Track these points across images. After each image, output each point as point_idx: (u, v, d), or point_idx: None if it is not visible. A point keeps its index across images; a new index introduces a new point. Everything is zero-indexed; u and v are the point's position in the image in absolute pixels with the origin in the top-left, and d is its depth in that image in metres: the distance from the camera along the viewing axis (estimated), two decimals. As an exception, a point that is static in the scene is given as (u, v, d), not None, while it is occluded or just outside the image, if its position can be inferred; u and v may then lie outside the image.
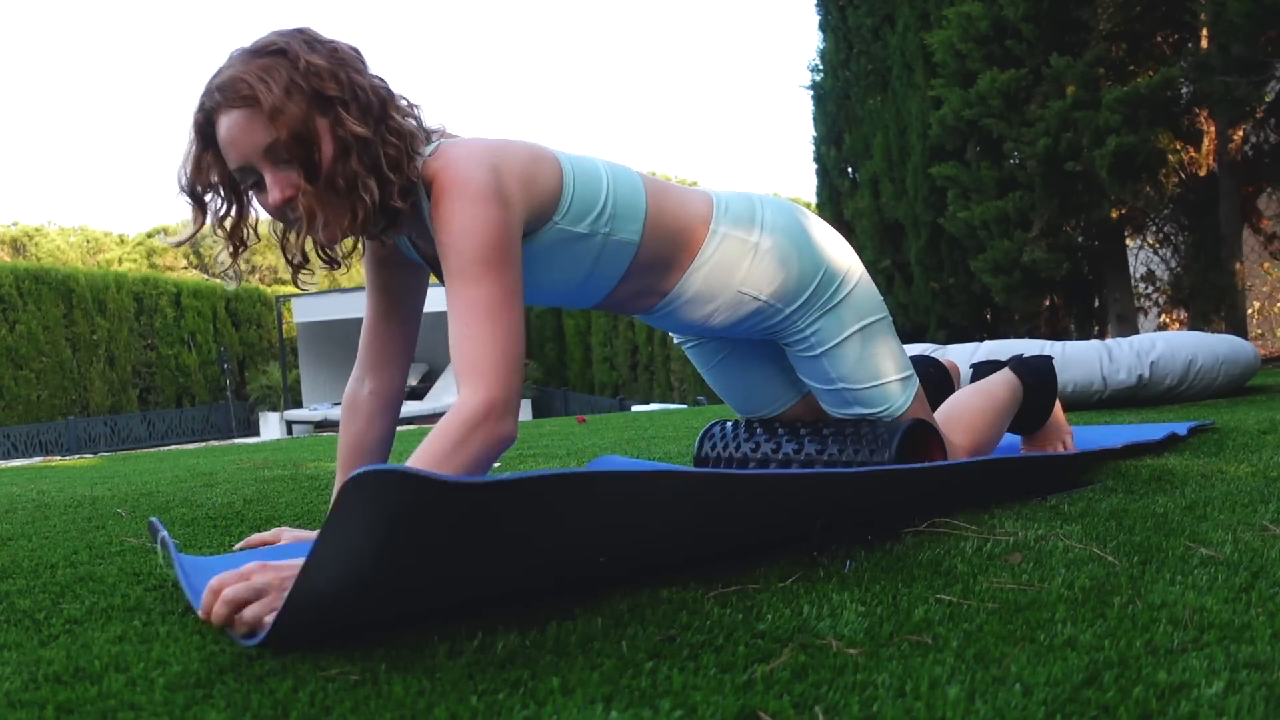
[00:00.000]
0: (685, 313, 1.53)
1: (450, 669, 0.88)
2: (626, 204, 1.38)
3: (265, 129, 1.17)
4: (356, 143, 1.19)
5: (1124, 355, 3.54)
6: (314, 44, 1.22)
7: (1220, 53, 5.49)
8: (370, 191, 1.20)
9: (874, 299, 1.62)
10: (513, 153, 1.29)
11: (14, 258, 25.46)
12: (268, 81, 1.16)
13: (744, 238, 1.48)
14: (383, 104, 1.24)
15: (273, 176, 1.20)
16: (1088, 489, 1.64)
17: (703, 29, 66.45)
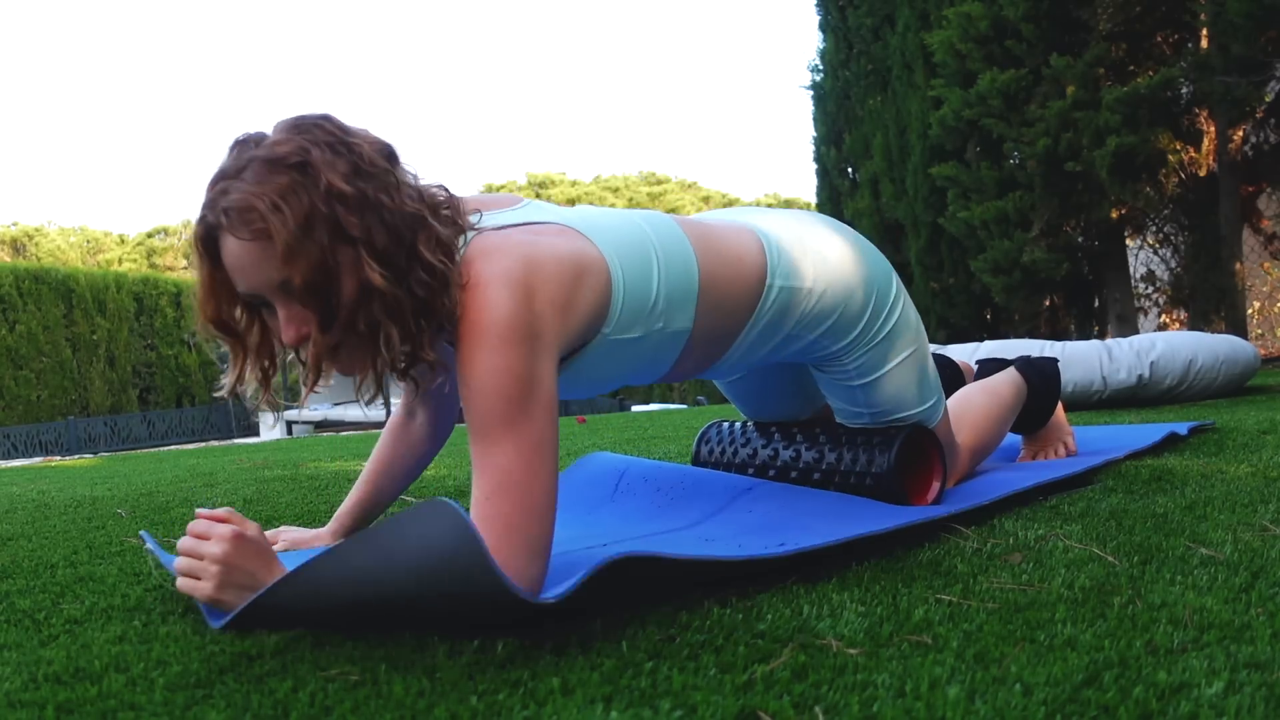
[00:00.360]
0: (734, 365, 1.45)
1: (450, 669, 0.88)
2: (680, 290, 1.26)
3: (278, 267, 1.01)
4: (378, 291, 1.03)
5: (1124, 355, 3.54)
6: (339, 149, 1.03)
7: (1220, 53, 5.49)
8: (392, 342, 1.05)
9: (915, 327, 1.55)
10: (553, 269, 1.11)
11: (14, 258, 25.47)
12: (283, 212, 0.99)
13: (799, 286, 1.39)
14: (414, 232, 1.05)
15: (286, 311, 1.05)
16: (1087, 489, 1.64)
17: (703, 29, 66.49)
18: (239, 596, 1.02)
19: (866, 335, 1.47)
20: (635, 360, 1.27)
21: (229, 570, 1.02)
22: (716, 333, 1.34)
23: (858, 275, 1.45)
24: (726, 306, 1.32)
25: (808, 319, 1.41)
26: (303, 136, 1.02)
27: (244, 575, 1.03)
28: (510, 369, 1.04)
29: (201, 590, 1.03)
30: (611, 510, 1.64)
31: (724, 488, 1.62)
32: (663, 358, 1.30)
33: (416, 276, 1.04)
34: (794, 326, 1.41)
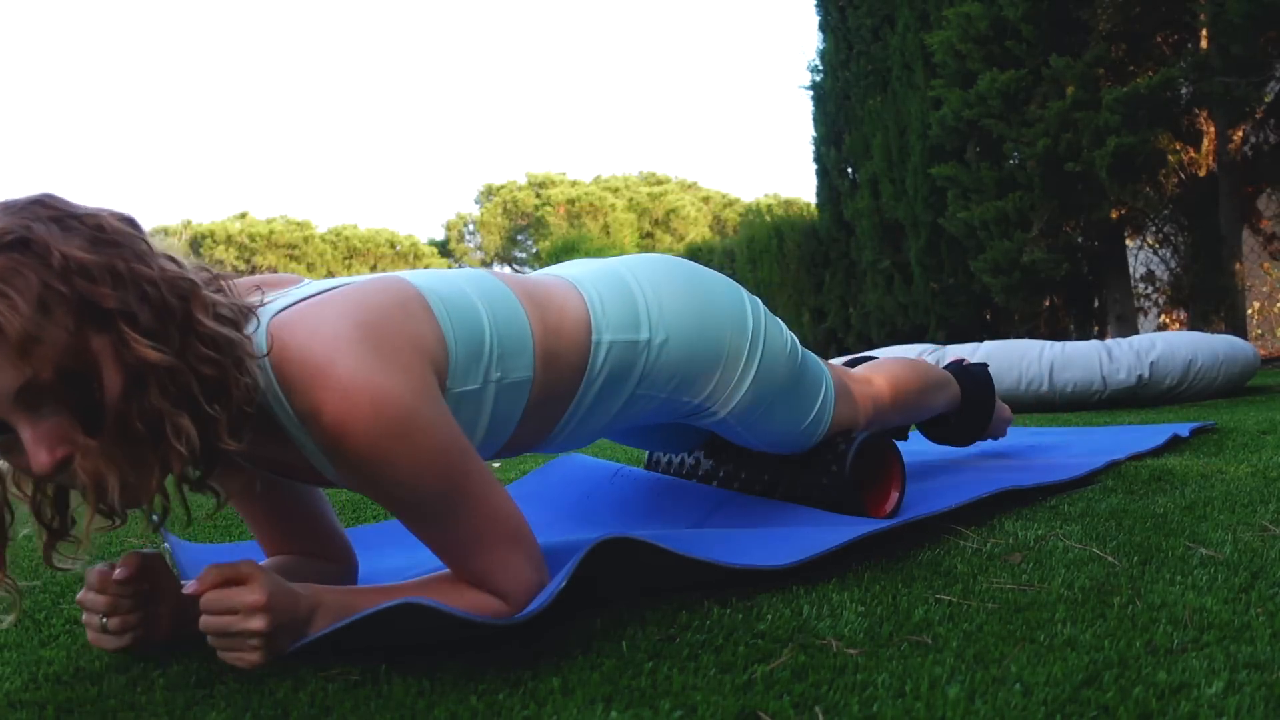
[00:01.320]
0: (581, 432, 1.27)
1: (450, 669, 0.88)
2: (511, 335, 1.09)
3: (13, 367, 0.76)
4: (154, 371, 0.80)
5: (1124, 355, 3.54)
6: (67, 222, 0.81)
7: (1220, 53, 5.49)
8: (187, 436, 0.82)
9: (782, 351, 1.38)
10: (380, 311, 0.96)
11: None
12: (9, 297, 0.75)
13: (633, 339, 1.22)
14: (185, 302, 0.84)
15: (32, 431, 0.79)
16: (1087, 489, 1.64)
17: (702, 29, 66.50)
18: (287, 644, 0.91)
19: (728, 380, 1.32)
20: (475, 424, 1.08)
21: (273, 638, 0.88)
22: (556, 389, 1.17)
23: (703, 319, 1.29)
24: (562, 358, 1.16)
25: (652, 374, 1.25)
26: (15, 217, 0.80)
27: (286, 630, 0.90)
28: (428, 444, 0.91)
29: (252, 661, 0.88)
30: (608, 496, 1.64)
31: (708, 491, 1.62)
32: (503, 418, 1.11)
33: (197, 352, 0.83)
34: (639, 385, 1.25)
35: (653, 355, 1.24)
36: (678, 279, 1.31)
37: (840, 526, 1.34)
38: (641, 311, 1.24)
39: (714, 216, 29.68)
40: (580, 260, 1.38)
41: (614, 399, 1.24)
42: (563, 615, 1.01)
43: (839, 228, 9.23)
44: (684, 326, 1.26)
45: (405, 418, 0.89)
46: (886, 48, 8.21)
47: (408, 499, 0.94)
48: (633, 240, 27.31)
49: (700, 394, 1.31)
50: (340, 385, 0.88)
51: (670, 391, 1.28)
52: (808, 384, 1.44)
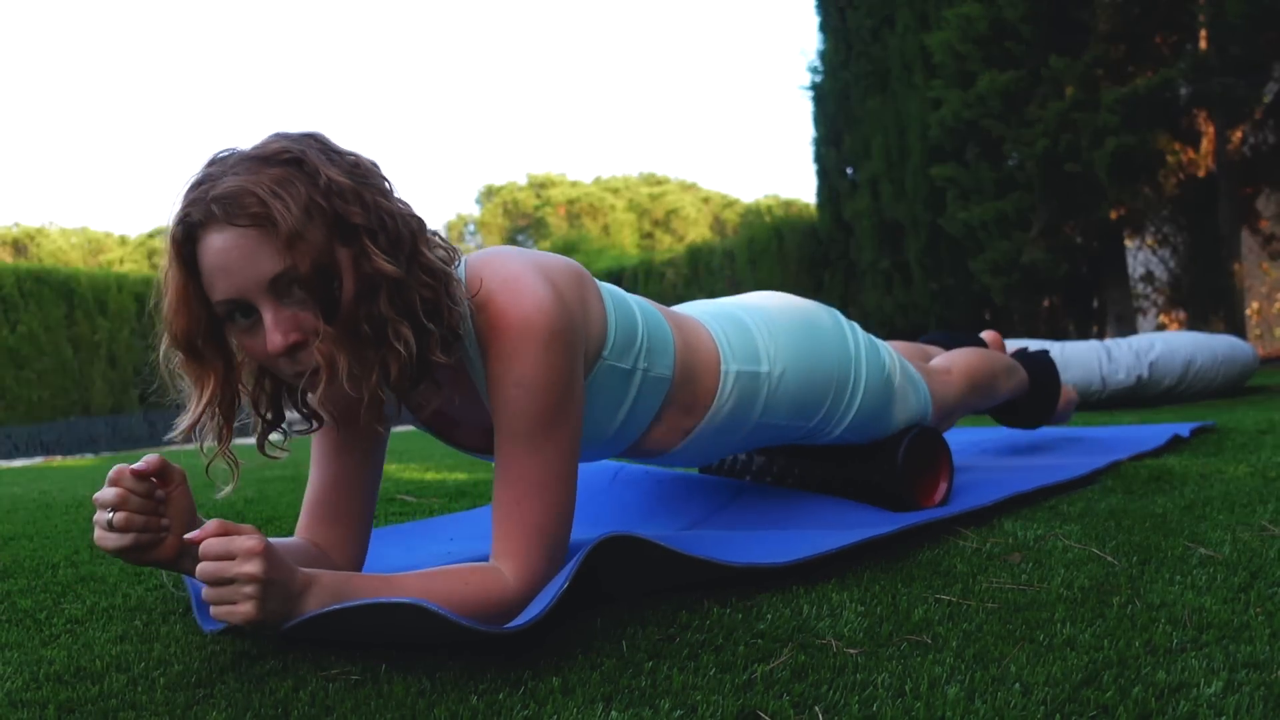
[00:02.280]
0: (707, 450, 1.40)
1: (450, 669, 0.88)
2: (659, 336, 1.24)
3: (276, 256, 0.92)
4: (386, 282, 0.96)
5: (1123, 355, 3.54)
6: (332, 155, 0.99)
7: (1219, 54, 5.50)
8: (406, 341, 0.97)
9: (881, 370, 1.51)
10: (562, 268, 1.12)
11: (15, 258, 25.47)
12: (284, 198, 0.92)
13: (755, 370, 1.36)
14: (413, 236, 1.00)
15: (274, 315, 0.94)
16: (1087, 489, 1.64)
17: (702, 29, 66.46)
18: (279, 610, 0.92)
19: (839, 405, 1.45)
20: (623, 404, 1.21)
21: (267, 586, 0.90)
22: (688, 399, 1.29)
23: (814, 351, 1.42)
24: (695, 371, 1.29)
25: (773, 404, 1.37)
26: (291, 141, 0.98)
27: (279, 588, 0.91)
28: (558, 368, 1.03)
29: (244, 613, 0.90)
30: (610, 498, 1.64)
31: (722, 486, 1.62)
32: (644, 409, 1.24)
33: (419, 277, 0.98)
34: (762, 414, 1.37)
35: (773, 385, 1.37)
36: (787, 315, 1.45)
37: (841, 530, 1.34)
38: (760, 346, 1.38)
39: (714, 217, 29.68)
40: (691, 303, 1.49)
41: (740, 425, 1.37)
42: (563, 615, 1.01)
43: (839, 228, 9.24)
44: (797, 359, 1.40)
45: (549, 330, 1.03)
46: (886, 48, 8.21)
47: (517, 402, 1.03)
48: (633, 240, 27.29)
49: (814, 418, 1.45)
50: (515, 288, 1.04)
51: (788, 419, 1.42)
52: (906, 391, 1.56)
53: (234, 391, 1.04)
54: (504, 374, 1.03)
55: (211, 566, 0.89)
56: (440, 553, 1.42)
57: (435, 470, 2.69)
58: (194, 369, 1.03)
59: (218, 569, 0.88)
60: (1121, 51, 6.05)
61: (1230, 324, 6.05)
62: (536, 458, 1.04)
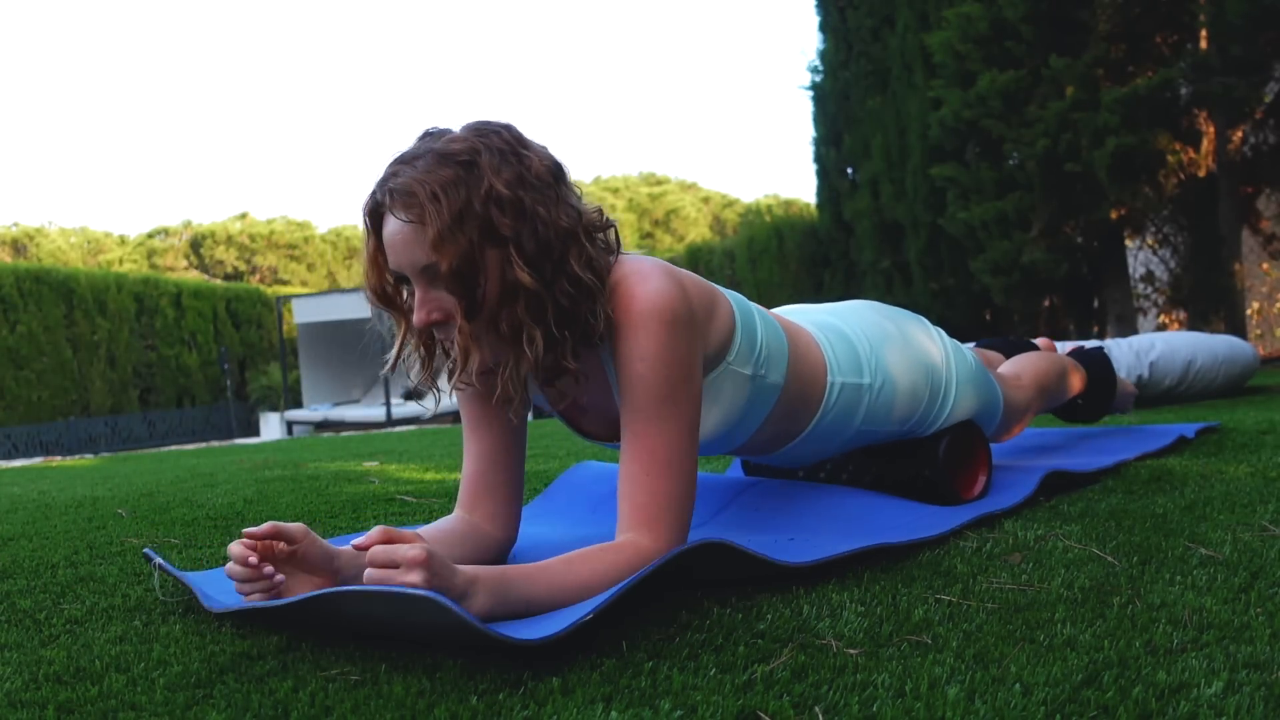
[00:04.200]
0: (809, 453, 1.49)
1: (450, 669, 0.88)
2: (776, 346, 1.31)
3: (426, 250, 1.06)
4: (524, 290, 1.07)
5: (1123, 356, 3.54)
6: (509, 157, 1.08)
7: (1219, 53, 5.49)
8: (535, 345, 1.08)
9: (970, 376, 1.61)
10: (695, 282, 1.21)
11: (15, 258, 25.47)
12: (440, 202, 1.04)
13: (859, 383, 1.44)
14: (565, 246, 1.09)
15: (423, 294, 1.10)
16: (1087, 489, 1.64)
17: (702, 29, 66.47)
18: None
19: (932, 409, 1.54)
20: (740, 406, 1.29)
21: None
22: (796, 406, 1.37)
23: (912, 364, 1.51)
24: (804, 381, 1.37)
25: (874, 413, 1.46)
26: (479, 139, 1.08)
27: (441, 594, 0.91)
28: (678, 348, 1.11)
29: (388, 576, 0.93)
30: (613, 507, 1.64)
31: (725, 485, 1.62)
32: (755, 413, 1.32)
33: (561, 287, 1.08)
34: (862, 421, 1.46)
35: (873, 397, 1.46)
36: (886, 328, 1.54)
37: (843, 535, 1.33)
38: (864, 360, 1.46)
39: (714, 217, 29.67)
40: (793, 309, 1.57)
41: (841, 432, 1.46)
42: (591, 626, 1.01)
43: (839, 228, 9.23)
44: (897, 372, 1.49)
45: (671, 314, 1.11)
46: (886, 48, 8.21)
47: (640, 377, 1.11)
48: (633, 240, 27.28)
49: (910, 422, 1.53)
50: (644, 275, 1.13)
51: (887, 424, 1.50)
52: (987, 399, 1.66)
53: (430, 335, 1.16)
54: (630, 351, 1.11)
55: (377, 574, 0.92)
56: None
57: (435, 470, 2.70)
58: (391, 313, 1.18)
59: (382, 576, 0.91)
60: (1121, 51, 6.04)
61: (1231, 324, 6.05)
62: (660, 434, 1.11)
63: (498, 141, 1.09)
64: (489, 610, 0.95)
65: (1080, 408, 2.13)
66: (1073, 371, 2.05)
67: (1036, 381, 1.89)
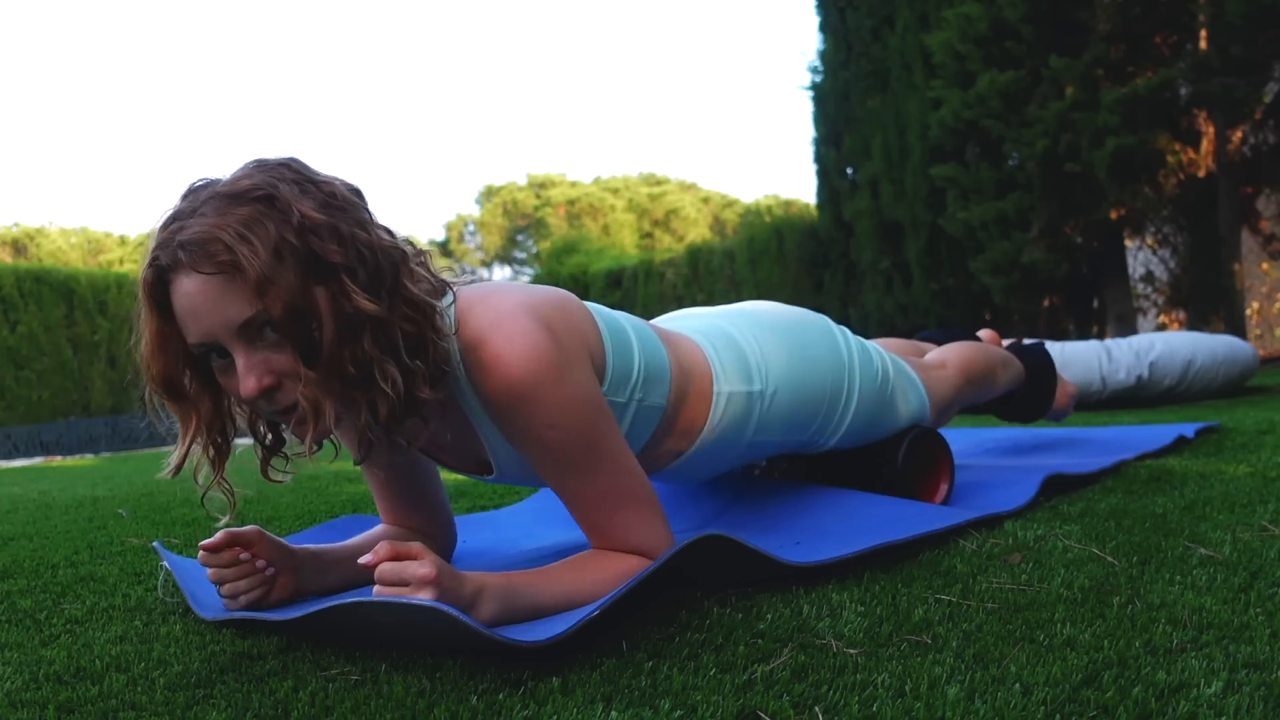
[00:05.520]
0: (699, 470, 1.37)
1: (450, 669, 0.88)
2: (655, 364, 1.20)
3: (245, 302, 0.91)
4: (368, 321, 0.93)
5: (1123, 355, 3.54)
6: (306, 185, 0.95)
7: (1219, 54, 5.50)
8: (393, 381, 0.95)
9: (874, 378, 1.49)
10: (554, 306, 1.07)
11: (15, 258, 25.47)
12: (251, 241, 0.90)
13: (748, 390, 1.32)
14: (395, 268, 0.97)
15: (246, 360, 0.93)
16: (1087, 489, 1.64)
17: (702, 29, 66.46)
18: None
19: (834, 415, 1.44)
20: None
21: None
22: (681, 424, 1.26)
23: (806, 366, 1.40)
24: (690, 398, 1.26)
25: (767, 422, 1.35)
26: (266, 174, 0.95)
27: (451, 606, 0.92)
28: (576, 395, 1.01)
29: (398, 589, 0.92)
30: None
31: (728, 486, 1.62)
32: (636, 435, 1.21)
33: (402, 311, 0.96)
34: (756, 432, 1.35)
35: (765, 405, 1.34)
36: (777, 331, 1.41)
37: (848, 536, 1.33)
38: (752, 365, 1.34)
39: (714, 217, 29.68)
40: (682, 314, 1.48)
41: (733, 445, 1.34)
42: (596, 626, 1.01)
43: (839, 228, 9.24)
44: (790, 377, 1.37)
45: (558, 368, 1.00)
46: (886, 48, 8.21)
47: (557, 443, 1.02)
48: (633, 240, 27.29)
49: (808, 431, 1.43)
50: (509, 331, 1.00)
51: (783, 434, 1.39)
52: (901, 395, 1.55)
53: (225, 419, 1.03)
54: (529, 424, 1.01)
55: (388, 593, 0.90)
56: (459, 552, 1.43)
57: (435, 470, 2.69)
58: (178, 408, 1.01)
59: (394, 594, 0.90)
60: (1121, 51, 6.05)
61: (1230, 324, 6.05)
62: (597, 482, 1.05)
63: (287, 173, 0.96)
64: (495, 617, 0.95)
65: (1016, 405, 2.00)
66: (1008, 365, 1.91)
67: (963, 370, 1.75)
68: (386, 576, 0.91)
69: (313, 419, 0.94)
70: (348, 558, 1.20)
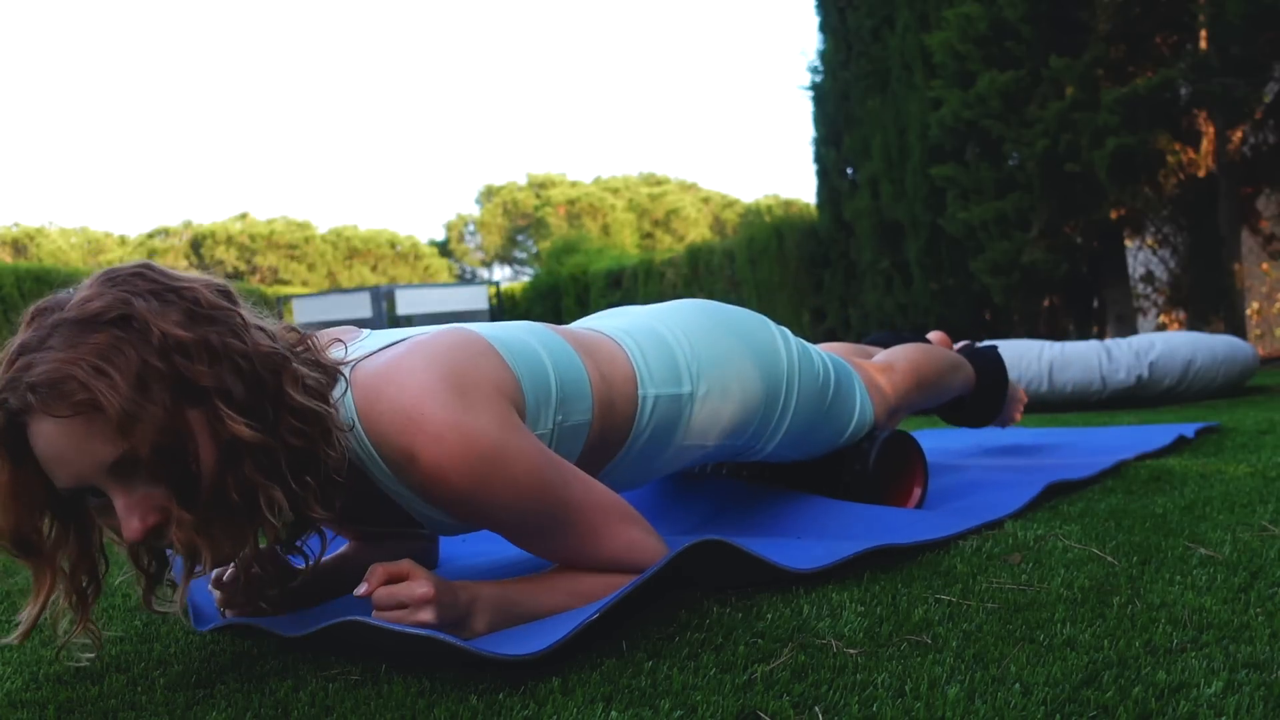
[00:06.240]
0: (629, 476, 1.30)
1: (450, 669, 0.88)
2: (572, 380, 1.13)
3: (110, 442, 0.81)
4: (248, 448, 0.84)
5: (1123, 355, 3.54)
6: (165, 296, 0.85)
7: (1219, 54, 5.50)
8: (279, 506, 0.86)
9: (815, 380, 1.42)
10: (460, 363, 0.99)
11: (15, 258, 25.48)
12: (109, 375, 0.79)
13: (676, 393, 1.25)
14: (276, 376, 0.87)
15: (125, 500, 0.83)
16: (1087, 489, 1.64)
17: (702, 29, 66.45)
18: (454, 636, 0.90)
19: (770, 420, 1.38)
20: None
21: (439, 628, 0.90)
22: (609, 434, 1.20)
23: (740, 366, 1.33)
24: (615, 408, 1.19)
25: (697, 425, 1.28)
26: (118, 289, 0.85)
27: (449, 624, 0.91)
28: (523, 469, 0.96)
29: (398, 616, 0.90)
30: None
31: (724, 487, 1.61)
32: (565, 454, 1.13)
33: (288, 425, 0.87)
34: (685, 436, 1.28)
35: (695, 407, 1.27)
36: (711, 329, 1.34)
37: (847, 537, 1.33)
38: (682, 366, 1.27)
39: (714, 217, 29.67)
40: (611, 312, 1.42)
41: (662, 450, 1.28)
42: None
43: (839, 228, 9.23)
44: (722, 377, 1.30)
45: (495, 451, 0.94)
46: (886, 48, 8.21)
47: (516, 522, 0.99)
48: (633, 240, 27.29)
49: (744, 436, 1.36)
50: (431, 431, 0.92)
51: (716, 439, 1.33)
52: (843, 398, 1.48)
53: (94, 563, 0.93)
54: (482, 510, 0.97)
55: (388, 617, 0.89)
56: (452, 553, 1.43)
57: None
58: (33, 565, 0.91)
59: (393, 619, 0.89)
60: (1121, 51, 6.05)
61: (1230, 324, 6.05)
62: (571, 529, 1.02)
63: (143, 284, 0.85)
64: (492, 625, 0.95)
65: (966, 409, 1.94)
66: (959, 368, 1.85)
67: (911, 372, 1.68)
68: (384, 601, 0.90)
69: (188, 562, 0.87)
70: (339, 567, 1.18)
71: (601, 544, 1.03)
